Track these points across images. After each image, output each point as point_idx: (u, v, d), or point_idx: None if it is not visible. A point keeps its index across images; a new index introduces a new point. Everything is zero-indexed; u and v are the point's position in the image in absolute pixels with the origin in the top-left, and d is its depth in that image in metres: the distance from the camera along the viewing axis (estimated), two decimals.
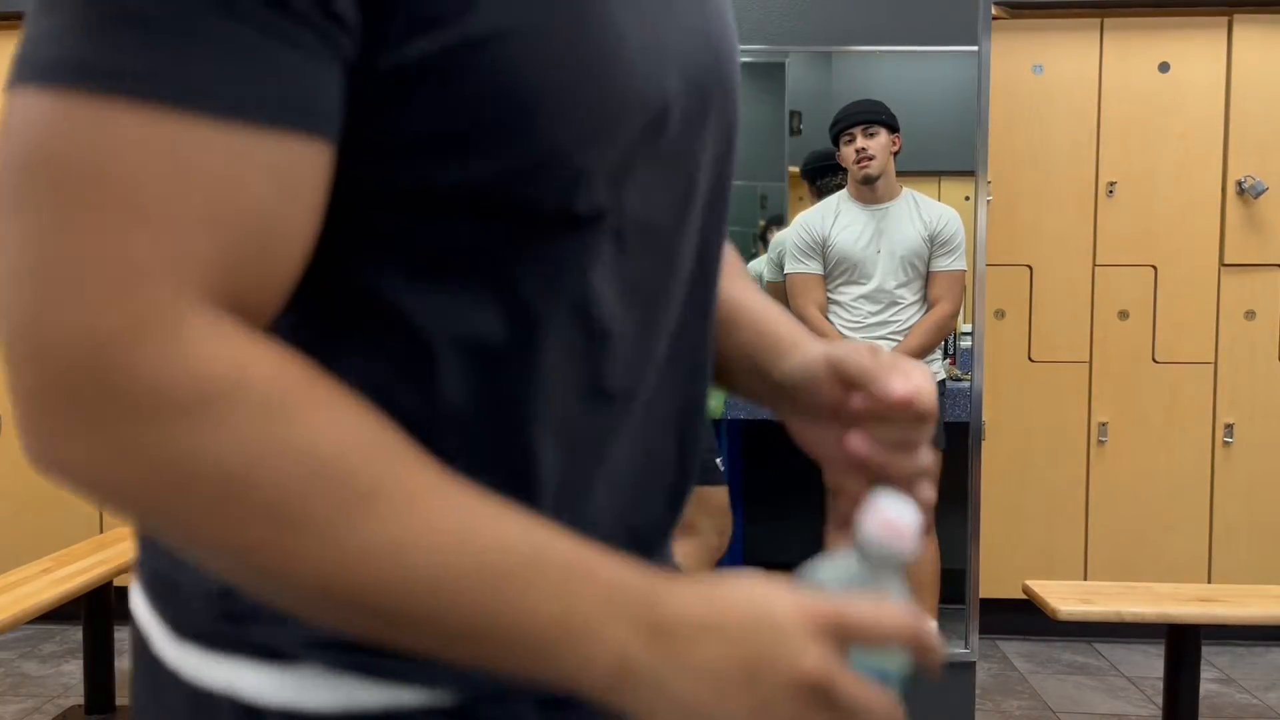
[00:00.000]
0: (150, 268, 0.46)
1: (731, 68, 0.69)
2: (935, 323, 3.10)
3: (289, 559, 0.47)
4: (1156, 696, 3.44)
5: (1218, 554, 3.90)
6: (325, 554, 0.47)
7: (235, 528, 0.47)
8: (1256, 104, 3.84)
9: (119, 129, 0.46)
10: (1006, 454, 3.85)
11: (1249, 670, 3.70)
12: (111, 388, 0.46)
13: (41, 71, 0.47)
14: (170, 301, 0.46)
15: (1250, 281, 3.88)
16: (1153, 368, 3.91)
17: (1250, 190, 3.82)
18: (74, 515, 3.99)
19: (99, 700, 3.22)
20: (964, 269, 3.09)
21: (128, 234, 0.46)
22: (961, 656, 2.86)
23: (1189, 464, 3.90)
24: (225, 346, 0.47)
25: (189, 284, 0.47)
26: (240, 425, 0.46)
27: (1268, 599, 2.73)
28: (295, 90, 0.48)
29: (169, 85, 0.46)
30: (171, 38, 0.46)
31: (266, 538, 0.47)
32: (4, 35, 3.94)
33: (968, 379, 3.00)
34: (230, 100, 0.47)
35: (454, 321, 0.56)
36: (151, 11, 0.46)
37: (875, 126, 3.12)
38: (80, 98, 0.46)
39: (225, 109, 0.47)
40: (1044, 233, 3.91)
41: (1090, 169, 3.90)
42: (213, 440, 0.46)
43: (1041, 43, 3.89)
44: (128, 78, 0.46)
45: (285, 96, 0.48)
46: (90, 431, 0.46)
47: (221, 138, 0.47)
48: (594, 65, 0.54)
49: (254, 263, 0.49)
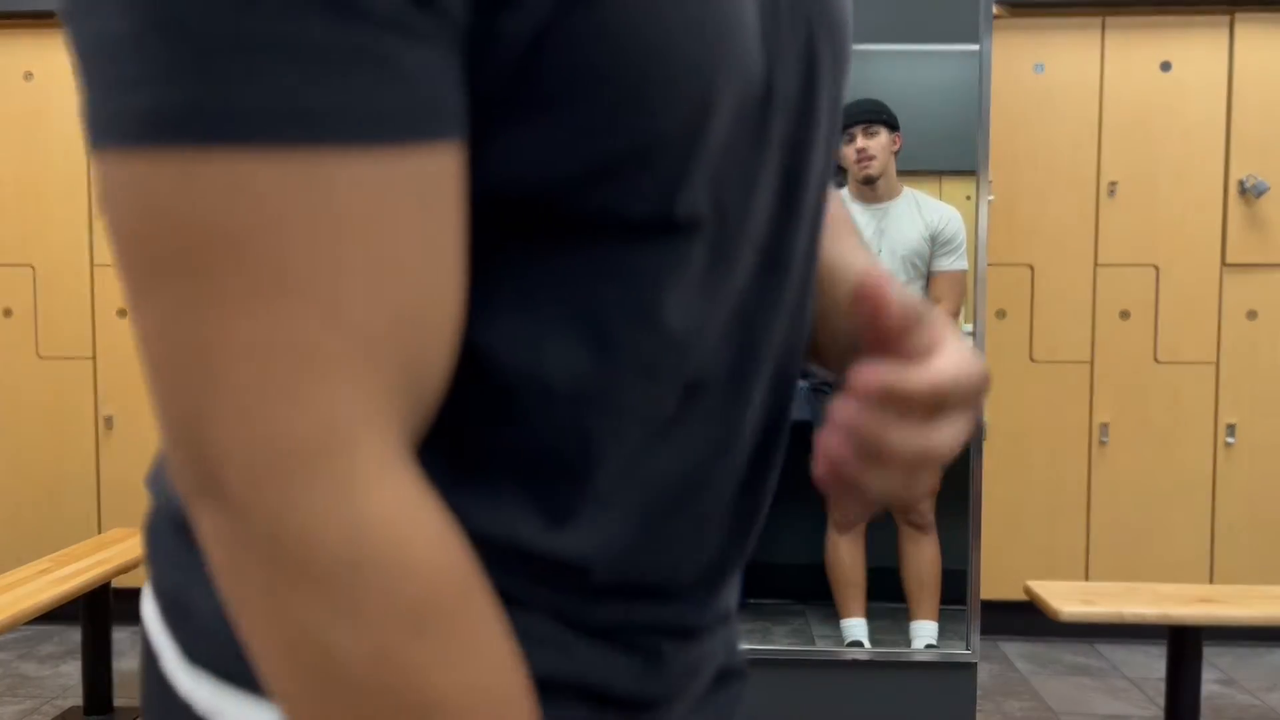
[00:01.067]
0: (324, 357, 0.40)
1: (844, 31, 0.58)
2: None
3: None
4: (1158, 697, 3.43)
5: (1219, 554, 3.89)
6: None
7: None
8: (1258, 103, 3.84)
9: (244, 180, 0.39)
10: (1007, 454, 3.84)
11: (1251, 671, 3.69)
12: (275, 525, 0.41)
13: (132, 128, 0.39)
14: (351, 412, 0.41)
15: (1252, 281, 3.87)
16: (1154, 368, 3.90)
17: (1252, 190, 3.82)
18: (73, 515, 3.99)
19: (97, 701, 3.22)
20: (965, 269, 3.08)
21: (290, 312, 0.40)
22: (962, 657, 2.86)
23: (1191, 464, 3.90)
24: (394, 498, 0.42)
25: (369, 382, 0.41)
26: (386, 628, 0.42)
27: (1269, 599, 2.73)
28: (425, 89, 0.41)
29: (293, 118, 0.39)
30: (276, 58, 0.38)
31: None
32: (4, 33, 3.95)
33: None
34: (365, 119, 0.39)
35: (531, 355, 0.49)
36: (236, 29, 0.38)
37: (875, 126, 3.10)
38: (192, 153, 0.38)
39: (362, 131, 0.39)
40: (1045, 232, 3.90)
41: (1091, 168, 3.90)
42: (352, 637, 0.42)
43: (1043, 42, 3.88)
44: (238, 117, 0.38)
45: (418, 99, 0.41)
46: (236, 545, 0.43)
47: (367, 168, 0.40)
48: (710, 24, 0.46)
49: (422, 336, 0.43)
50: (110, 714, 3.24)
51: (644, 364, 0.51)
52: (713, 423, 0.55)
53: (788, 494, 3.16)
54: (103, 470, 4.05)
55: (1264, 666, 3.75)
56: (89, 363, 3.98)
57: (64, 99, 3.96)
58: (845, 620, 3.12)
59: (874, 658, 2.93)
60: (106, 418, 4.02)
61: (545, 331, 0.48)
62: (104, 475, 4.05)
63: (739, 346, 0.55)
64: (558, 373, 0.49)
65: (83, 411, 3.98)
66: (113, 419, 4.03)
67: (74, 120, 3.90)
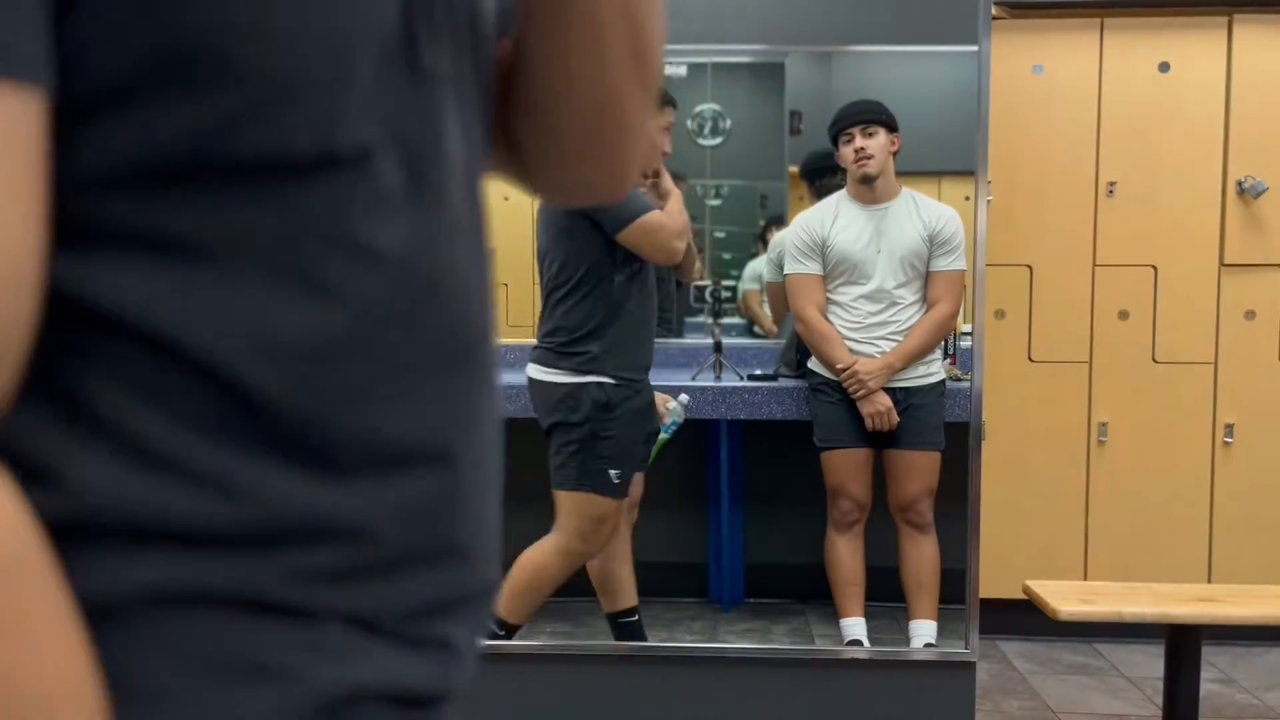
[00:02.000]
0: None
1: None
2: (935, 323, 3.10)
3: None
4: (1157, 697, 3.44)
5: (1218, 554, 3.90)
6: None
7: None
8: (1257, 104, 3.84)
9: None
10: (1006, 454, 3.85)
11: (1249, 670, 3.70)
12: None
13: None
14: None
15: (1250, 281, 3.88)
16: (1153, 368, 3.91)
17: (1250, 190, 3.82)
18: None
19: None
20: (964, 269, 3.09)
21: None
22: (961, 657, 2.87)
23: (1189, 464, 3.90)
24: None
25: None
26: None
27: (1268, 599, 2.73)
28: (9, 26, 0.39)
29: None
30: None
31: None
32: None
33: (968, 379, 2.99)
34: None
35: (225, 323, 0.47)
36: None
37: (874, 126, 3.10)
38: None
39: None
40: (1044, 233, 3.91)
41: (1090, 169, 3.90)
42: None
43: (1042, 43, 3.89)
44: None
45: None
46: None
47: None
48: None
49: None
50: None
51: (373, 300, 0.50)
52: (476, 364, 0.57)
53: (788, 494, 3.18)
54: None
55: (1262, 666, 3.76)
56: None
57: None
58: (844, 620, 3.12)
59: (873, 657, 2.93)
60: None
61: (257, 291, 0.47)
62: None
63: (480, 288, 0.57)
64: (282, 331, 0.48)
65: None
66: None
67: None
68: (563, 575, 2.84)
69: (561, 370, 2.79)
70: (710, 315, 3.84)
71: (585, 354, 2.77)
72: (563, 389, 2.78)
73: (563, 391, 2.78)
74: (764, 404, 3.29)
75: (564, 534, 2.82)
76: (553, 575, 2.83)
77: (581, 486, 2.78)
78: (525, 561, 2.84)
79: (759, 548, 3.72)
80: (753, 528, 3.72)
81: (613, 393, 2.77)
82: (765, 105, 4.18)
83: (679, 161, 4.14)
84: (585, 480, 2.78)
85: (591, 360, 2.76)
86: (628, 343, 2.79)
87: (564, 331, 2.79)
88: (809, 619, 3.57)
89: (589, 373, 2.77)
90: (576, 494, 2.79)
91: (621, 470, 2.80)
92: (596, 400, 2.77)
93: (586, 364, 2.77)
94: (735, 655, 2.97)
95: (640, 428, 2.86)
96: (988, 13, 2.78)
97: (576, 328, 2.77)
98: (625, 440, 2.81)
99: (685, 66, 4.08)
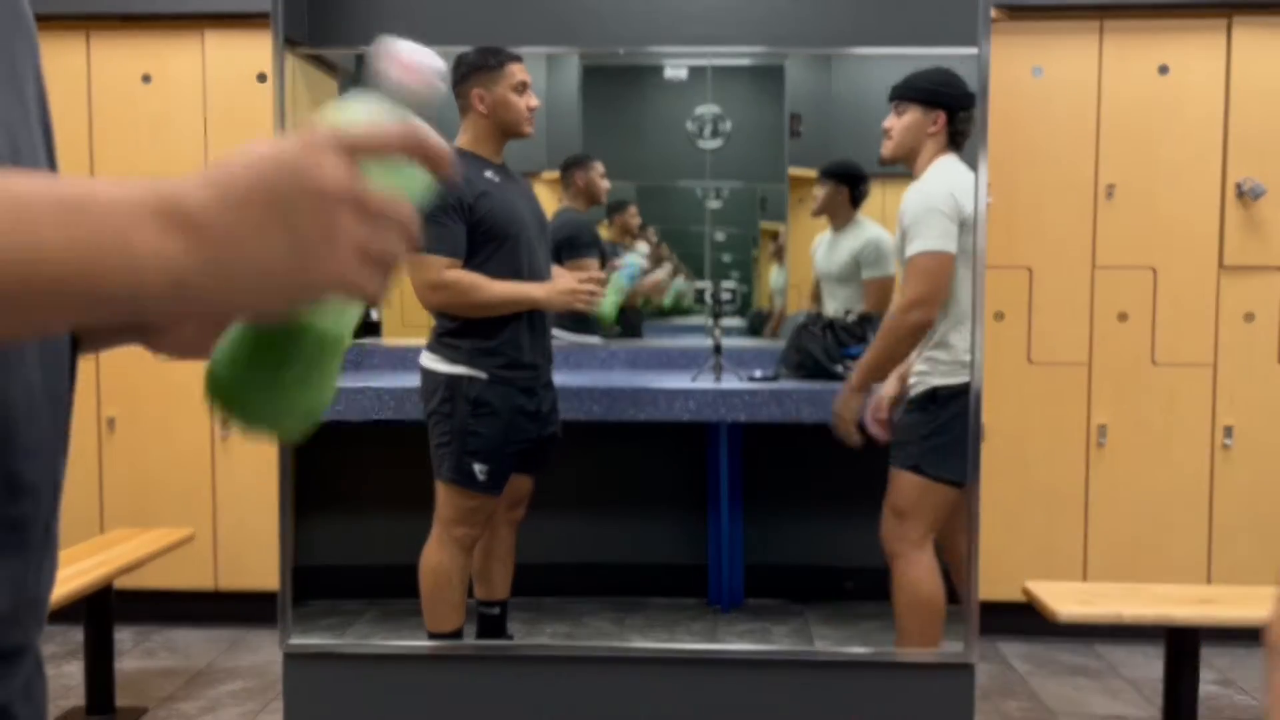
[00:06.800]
0: None
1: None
2: (884, 324, 2.90)
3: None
4: (1156, 698, 3.44)
5: (1217, 556, 3.90)
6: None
7: None
8: (1256, 106, 3.85)
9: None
10: (1006, 455, 3.85)
11: (1248, 672, 3.70)
12: None
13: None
14: None
15: (1249, 283, 3.88)
16: (1152, 369, 3.91)
17: (1249, 192, 3.83)
18: (75, 516, 3.99)
19: (99, 701, 3.22)
20: (926, 250, 2.76)
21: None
22: (961, 658, 2.87)
23: (1188, 466, 3.91)
24: None
25: None
26: None
27: (1267, 600, 2.74)
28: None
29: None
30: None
31: None
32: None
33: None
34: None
35: None
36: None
37: (904, 103, 2.84)
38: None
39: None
40: (1044, 235, 3.92)
41: (1090, 171, 3.91)
42: None
43: (1041, 45, 3.90)
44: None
45: None
46: None
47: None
48: None
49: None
50: (112, 714, 3.24)
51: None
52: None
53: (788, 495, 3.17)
54: (105, 471, 4.06)
55: (1261, 667, 3.76)
56: (92, 364, 3.98)
57: (186, 100, 4.01)
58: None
59: (873, 658, 2.93)
60: (109, 419, 4.03)
61: None
62: (106, 476, 4.06)
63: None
64: None
65: (85, 413, 3.99)
66: (115, 420, 4.04)
67: (195, 122, 4.02)
68: (456, 565, 2.83)
69: (440, 359, 2.81)
70: (710, 317, 3.84)
71: (458, 346, 2.78)
72: (439, 378, 2.80)
73: (438, 381, 2.80)
74: (764, 406, 3.29)
75: (439, 523, 2.84)
76: (447, 569, 2.83)
77: (451, 479, 2.80)
78: (421, 569, 2.86)
79: (758, 549, 3.73)
80: (752, 529, 3.72)
81: (485, 389, 2.78)
82: (765, 107, 4.19)
83: (679, 162, 4.15)
84: (454, 473, 2.80)
85: (463, 353, 2.78)
86: (503, 339, 2.79)
87: (444, 321, 2.81)
88: (808, 620, 3.57)
89: (462, 364, 2.78)
90: (449, 486, 2.81)
91: (489, 467, 2.80)
92: (467, 395, 2.78)
93: (459, 356, 2.78)
94: (735, 656, 2.97)
95: (517, 427, 2.84)
96: (987, 15, 2.78)
97: (453, 318, 2.80)
98: (495, 438, 2.80)
99: (685, 69, 4.09)
